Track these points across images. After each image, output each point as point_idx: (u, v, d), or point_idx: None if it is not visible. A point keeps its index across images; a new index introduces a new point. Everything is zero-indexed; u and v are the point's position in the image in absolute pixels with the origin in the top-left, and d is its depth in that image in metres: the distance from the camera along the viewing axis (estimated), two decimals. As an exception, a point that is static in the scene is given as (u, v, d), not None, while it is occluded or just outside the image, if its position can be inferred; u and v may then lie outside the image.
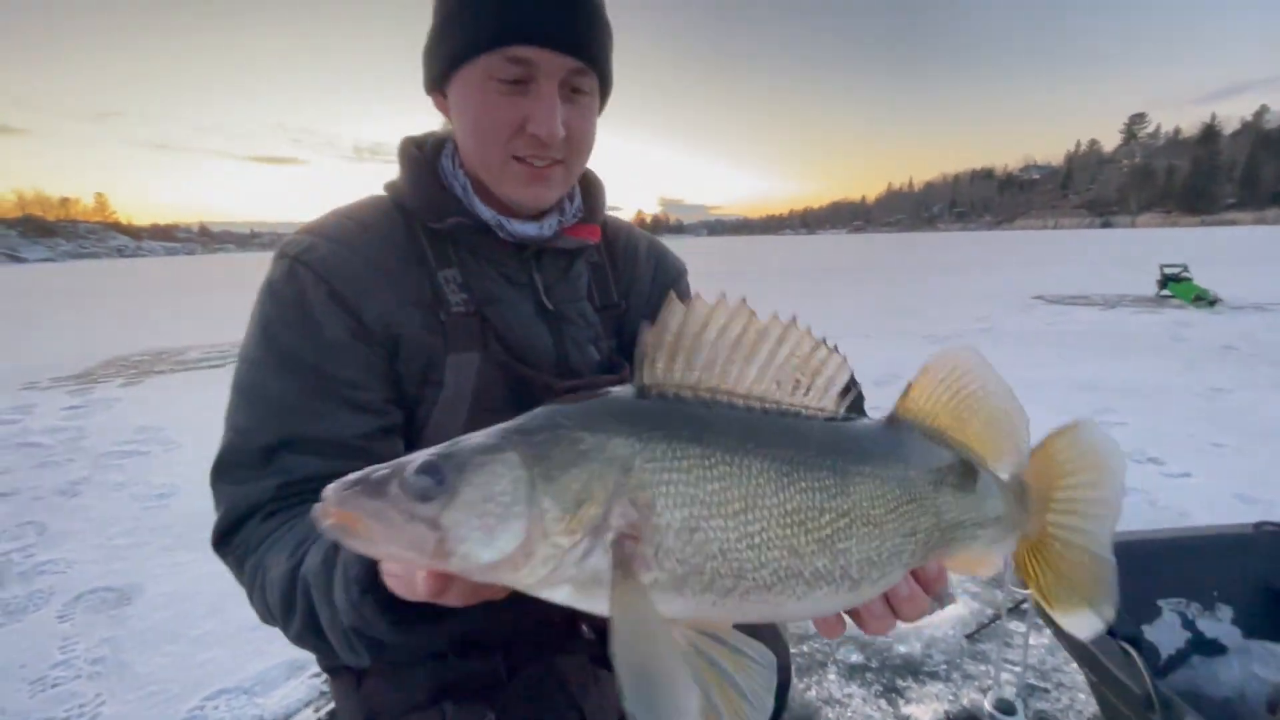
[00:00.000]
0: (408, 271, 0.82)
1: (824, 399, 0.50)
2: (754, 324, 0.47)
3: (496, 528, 0.40)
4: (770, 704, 0.41)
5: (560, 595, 0.42)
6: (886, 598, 0.52)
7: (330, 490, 0.41)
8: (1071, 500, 0.62)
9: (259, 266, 0.78)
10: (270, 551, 0.69)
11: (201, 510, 2.74)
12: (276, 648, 1.85)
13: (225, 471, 0.76)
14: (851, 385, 0.51)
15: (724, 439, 0.45)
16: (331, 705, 1.30)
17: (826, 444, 0.48)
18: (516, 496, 0.40)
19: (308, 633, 0.64)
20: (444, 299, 0.82)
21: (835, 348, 0.50)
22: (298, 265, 0.78)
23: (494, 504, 0.40)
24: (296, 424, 0.74)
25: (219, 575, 2.26)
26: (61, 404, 4.99)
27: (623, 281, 1.03)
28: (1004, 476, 0.60)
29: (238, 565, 0.74)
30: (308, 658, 1.80)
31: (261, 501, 0.73)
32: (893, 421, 0.55)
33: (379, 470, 0.42)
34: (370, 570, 0.54)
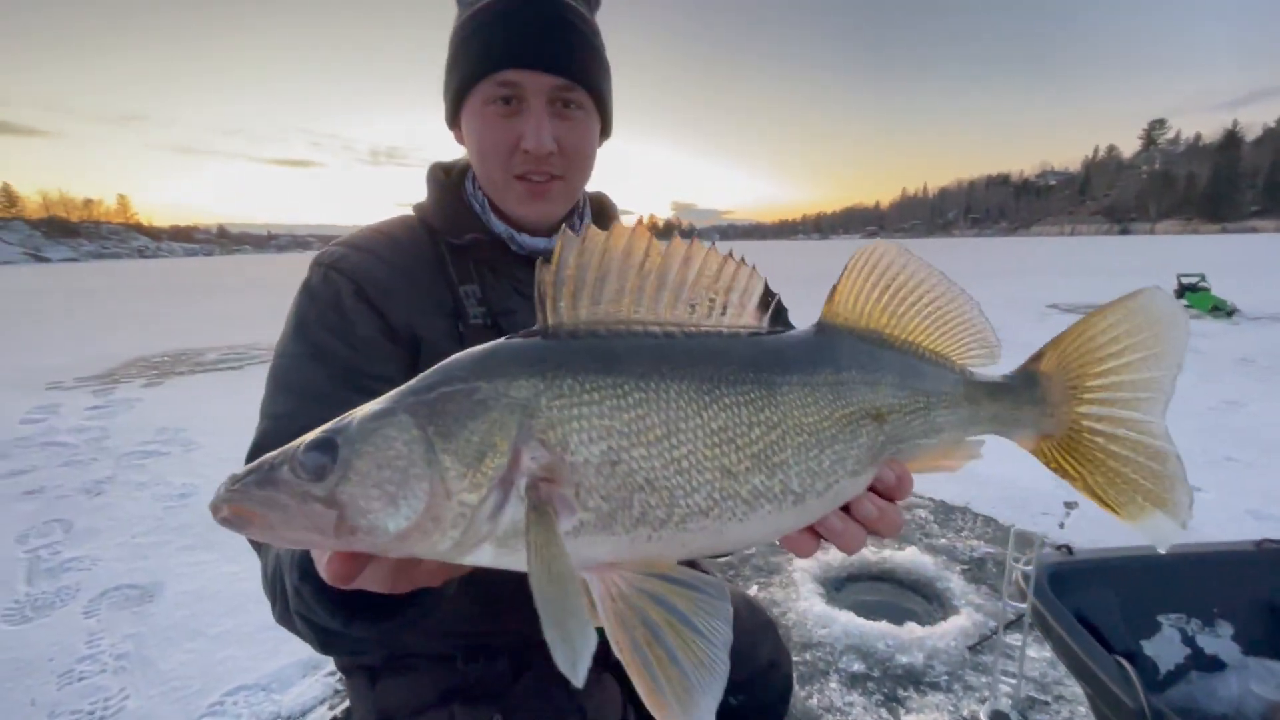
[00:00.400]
0: (432, 283, 0.88)
1: (743, 315, 0.48)
2: (655, 248, 0.45)
3: (397, 494, 0.38)
4: (729, 634, 0.39)
5: (484, 557, 0.40)
6: (850, 512, 0.50)
7: (224, 483, 0.40)
8: (1112, 386, 0.56)
9: (276, 268, 0.84)
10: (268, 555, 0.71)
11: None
12: (292, 647, 1.91)
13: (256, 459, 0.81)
14: (768, 296, 0.49)
15: (635, 367, 0.42)
16: (346, 703, 1.35)
17: (748, 358, 0.46)
18: (413, 459, 0.38)
19: (284, 615, 0.63)
20: (464, 311, 0.88)
21: (743, 260, 0.47)
22: (332, 271, 0.85)
23: (390, 470, 0.38)
24: (329, 412, 0.79)
25: (237, 575, 2.33)
26: (85, 404, 5.12)
27: None
28: (981, 368, 0.57)
29: (260, 551, 0.76)
30: (323, 658, 1.85)
31: None
32: (821, 328, 0.53)
33: (272, 456, 0.41)
34: (307, 554, 0.52)
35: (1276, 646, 1.36)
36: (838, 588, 2.13)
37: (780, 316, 0.54)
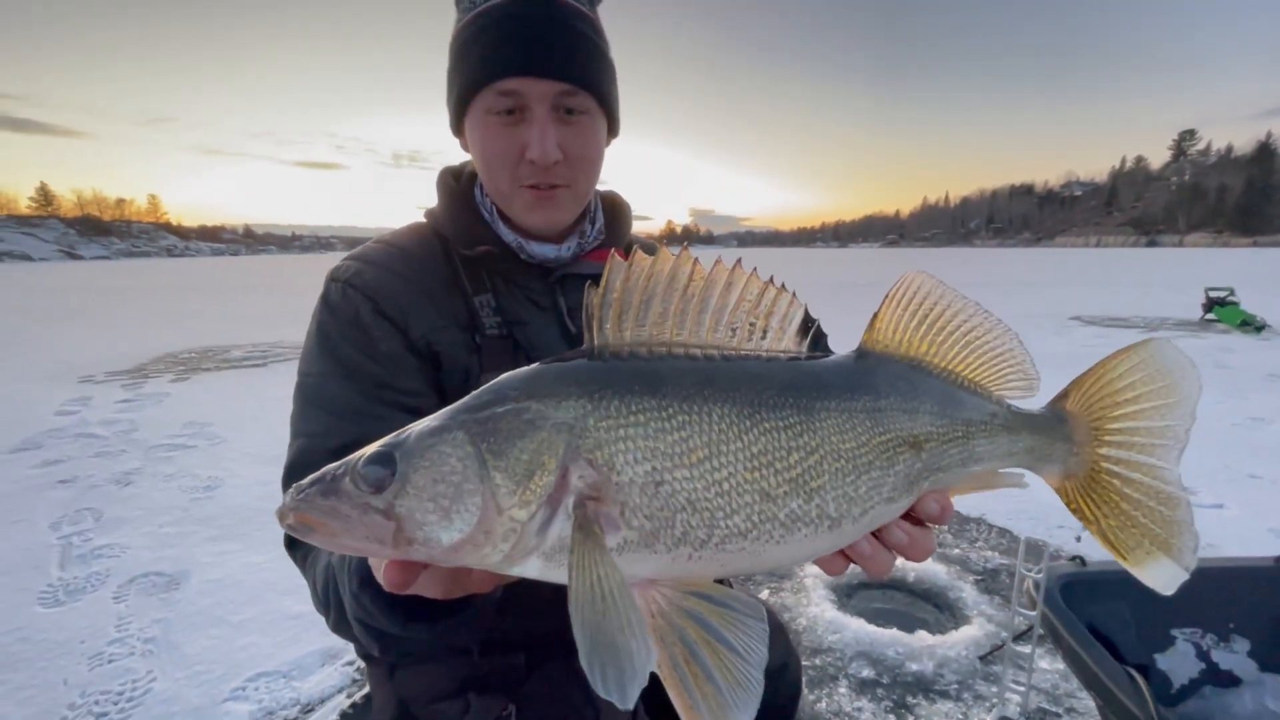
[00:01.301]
0: (447, 295, 0.88)
1: (783, 339, 0.49)
2: (699, 272, 0.46)
3: (451, 509, 0.40)
4: (764, 653, 0.41)
5: (531, 570, 0.42)
6: (881, 537, 0.51)
7: (290, 492, 0.42)
8: (1130, 431, 0.57)
9: (299, 268, 0.86)
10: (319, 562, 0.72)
11: (244, 504, 2.89)
12: (311, 636, 1.96)
13: (295, 475, 0.79)
14: (809, 322, 0.50)
15: (679, 389, 0.44)
16: (364, 691, 1.39)
17: (787, 383, 0.47)
18: (467, 474, 0.40)
19: (340, 622, 0.66)
20: (479, 322, 0.88)
21: (783, 286, 0.48)
22: (349, 288, 0.85)
23: (445, 485, 0.40)
24: (364, 427, 0.78)
25: (259, 566, 2.40)
26: (116, 397, 5.27)
27: None
28: (1018, 401, 0.57)
29: (303, 562, 0.78)
30: (341, 647, 1.90)
31: None
32: (861, 354, 0.54)
33: (334, 467, 0.42)
34: (366, 562, 0.54)
35: (1294, 664, 1.34)
36: (848, 595, 2.14)
37: (819, 342, 0.56)
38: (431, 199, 0.96)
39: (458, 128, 0.88)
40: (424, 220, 0.97)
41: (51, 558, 2.48)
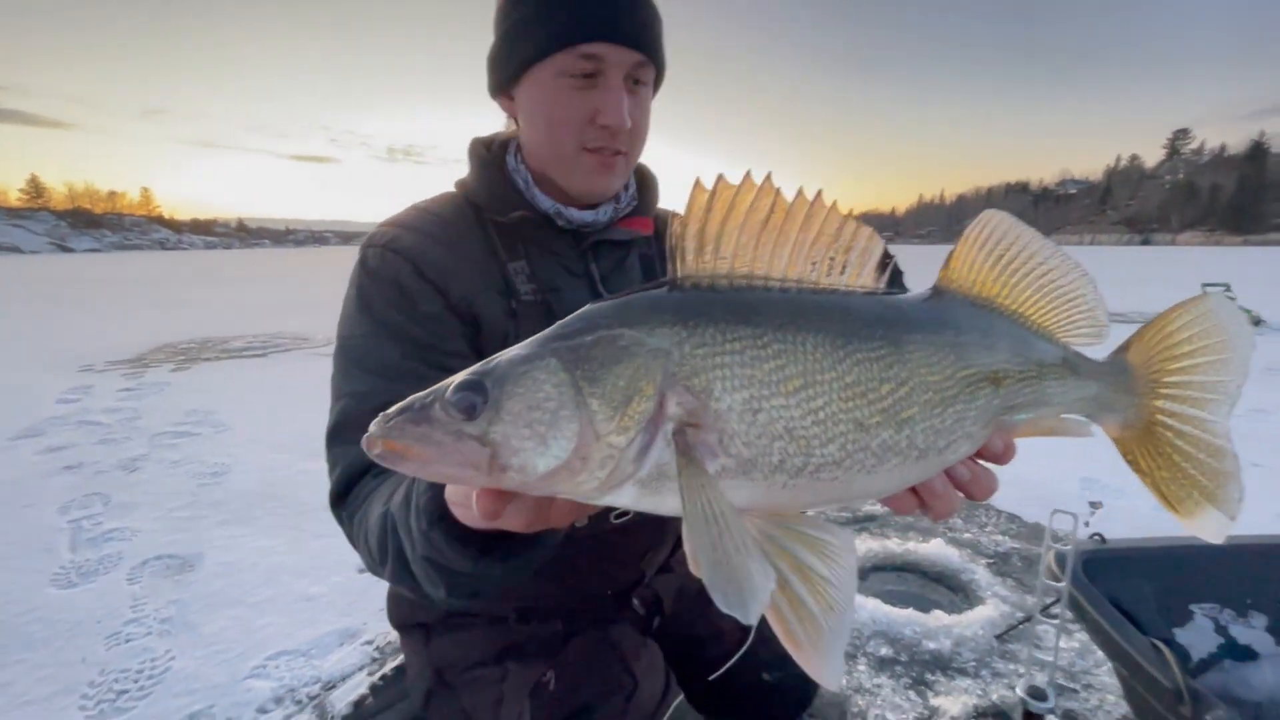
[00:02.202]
0: (483, 261, 0.88)
1: (862, 274, 0.48)
2: (780, 203, 0.45)
3: (548, 434, 0.39)
4: (854, 581, 0.41)
5: (626, 498, 0.42)
6: (952, 475, 0.51)
7: (376, 420, 0.42)
8: (1186, 384, 0.57)
9: (294, 262, 0.85)
10: (373, 501, 0.73)
11: (253, 489, 2.89)
12: (328, 617, 1.97)
13: (340, 435, 0.81)
14: (887, 258, 0.50)
15: (771, 319, 0.43)
16: (395, 663, 1.40)
17: (874, 316, 0.47)
18: (563, 401, 0.40)
19: (401, 571, 0.64)
20: (514, 288, 0.88)
21: (861, 221, 0.48)
22: (388, 252, 0.85)
23: (541, 411, 0.39)
24: (406, 386, 0.80)
25: (272, 550, 2.40)
26: (117, 386, 5.24)
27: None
28: (1086, 348, 0.58)
29: (349, 520, 0.77)
30: (359, 627, 1.90)
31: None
32: (937, 292, 0.54)
33: (421, 396, 0.42)
34: (439, 499, 0.54)
35: (1311, 638, 1.36)
36: (863, 577, 2.15)
37: (897, 279, 0.56)
38: (426, 192, 1.00)
39: (505, 89, 0.87)
40: (455, 190, 0.97)
41: (61, 541, 2.47)
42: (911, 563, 2.21)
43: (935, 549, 2.25)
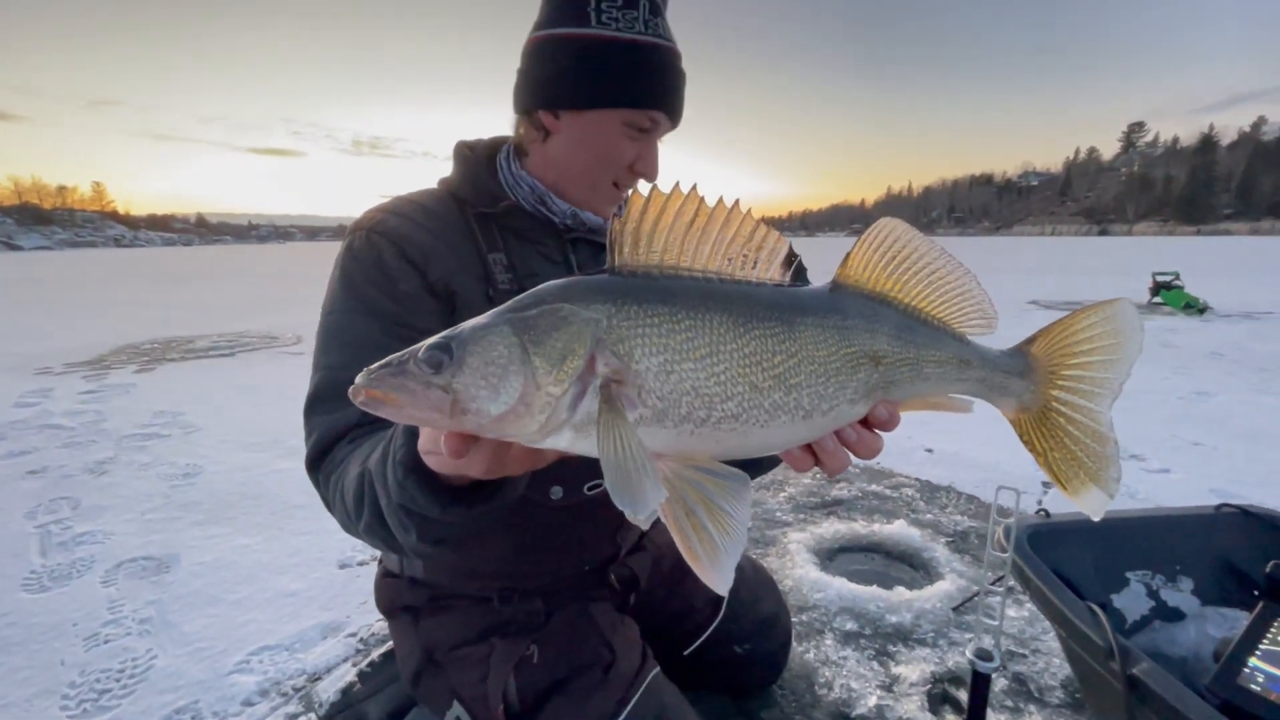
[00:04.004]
0: (464, 248, 0.97)
1: (770, 269, 0.58)
2: (704, 209, 0.54)
3: (499, 384, 0.48)
4: (747, 513, 0.51)
5: (563, 441, 0.50)
6: (840, 437, 0.61)
7: (361, 374, 0.50)
8: (1080, 378, 0.66)
9: (258, 258, 0.89)
10: (349, 462, 0.79)
11: (228, 489, 2.88)
12: (310, 611, 1.99)
13: (318, 404, 0.88)
14: (792, 257, 0.60)
15: (686, 300, 0.53)
16: (382, 650, 1.44)
17: (773, 302, 0.56)
18: (511, 359, 0.48)
19: (376, 524, 0.70)
20: (493, 277, 0.97)
21: (772, 227, 0.58)
22: (373, 234, 0.93)
23: (495, 366, 0.48)
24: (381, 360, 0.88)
25: (250, 548, 2.40)
26: (78, 389, 5.10)
27: None
28: (981, 335, 0.67)
29: (325, 482, 0.83)
30: (342, 620, 1.93)
31: (349, 427, 0.84)
32: (834, 285, 0.63)
33: (399, 355, 0.51)
34: (413, 452, 0.61)
35: (1230, 597, 1.49)
36: (830, 557, 2.25)
37: (801, 275, 0.65)
38: (396, 186, 1.12)
39: (559, 108, 0.97)
40: (438, 186, 1.05)
41: (31, 545, 2.44)
42: (876, 543, 2.32)
43: (898, 529, 2.36)
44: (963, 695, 1.35)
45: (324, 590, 2.10)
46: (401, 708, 1.32)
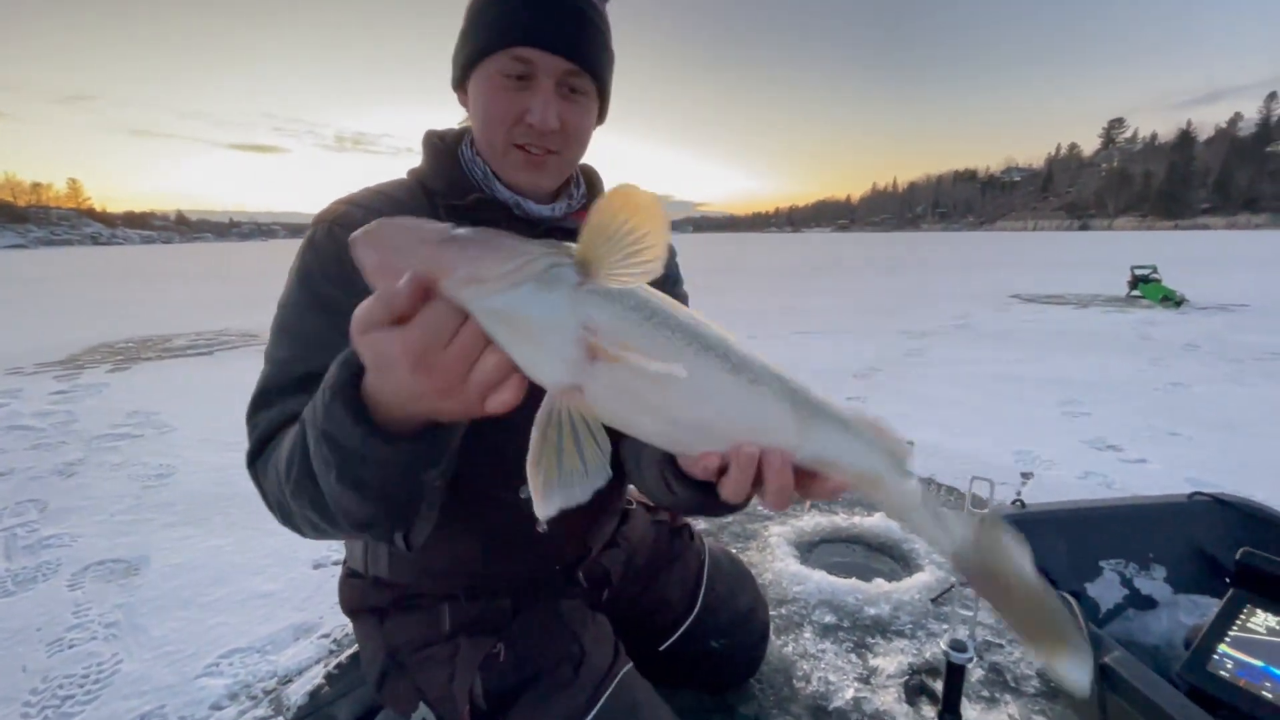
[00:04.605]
0: None
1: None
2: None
3: (481, 261, 0.48)
4: (595, 485, 0.52)
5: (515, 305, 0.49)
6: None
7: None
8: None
9: (240, 256, 0.84)
10: (285, 436, 0.74)
11: (202, 490, 2.82)
12: (284, 612, 1.95)
13: (263, 401, 0.84)
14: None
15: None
16: (350, 651, 1.41)
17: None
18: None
19: (303, 478, 0.65)
20: None
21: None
22: (335, 227, 0.89)
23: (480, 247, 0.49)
24: (327, 357, 0.83)
25: (223, 549, 2.36)
26: (49, 389, 4.99)
27: None
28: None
29: (264, 470, 0.78)
30: (316, 621, 1.90)
31: (292, 418, 0.79)
32: None
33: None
34: (347, 370, 0.57)
35: (1203, 585, 1.50)
36: (810, 550, 2.25)
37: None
38: (378, 181, 1.02)
39: (461, 83, 0.93)
40: (408, 177, 1.01)
41: (-5, 549, 2.37)
42: (856, 535, 2.32)
43: (879, 522, 2.37)
44: (939, 686, 1.34)
45: (298, 591, 2.06)
46: (370, 709, 1.30)
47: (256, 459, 0.81)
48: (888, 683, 1.56)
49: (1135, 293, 10.09)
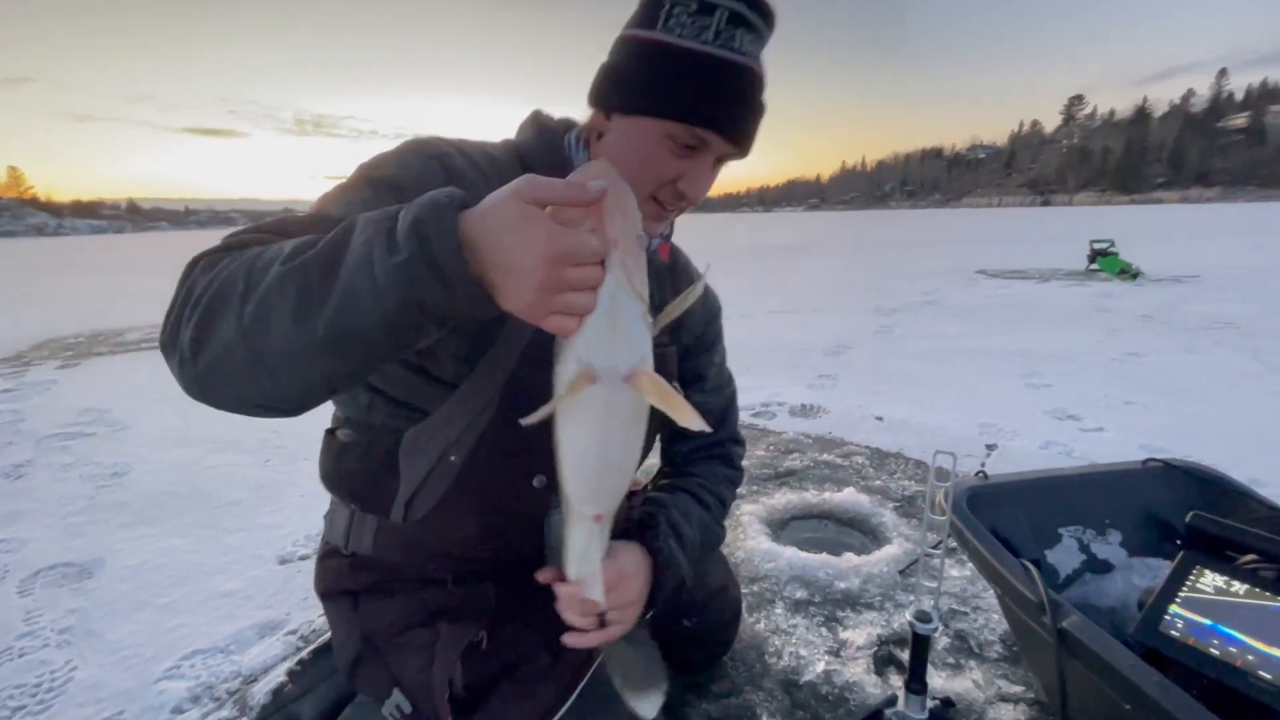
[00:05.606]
0: None
1: None
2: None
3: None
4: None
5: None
6: None
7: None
8: None
9: (197, 245, 0.74)
10: (286, 242, 0.63)
11: (158, 488, 2.71)
12: (246, 610, 1.90)
13: (268, 228, 0.74)
14: None
15: None
16: (314, 646, 1.38)
17: None
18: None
19: (319, 262, 0.58)
20: None
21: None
22: (436, 162, 0.85)
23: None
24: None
25: (181, 549, 2.28)
26: (-7, 387, 4.76)
27: (679, 289, 1.18)
28: None
29: (215, 264, 0.65)
30: (281, 619, 1.85)
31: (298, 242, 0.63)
32: None
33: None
34: (460, 200, 0.57)
35: (1156, 548, 1.55)
36: (782, 527, 2.27)
37: None
38: (345, 166, 1.01)
39: (608, 108, 0.90)
40: (506, 145, 0.98)
41: (-64, 558, 2.26)
42: (827, 511, 2.35)
43: (848, 497, 2.40)
44: (906, 656, 1.37)
45: (262, 588, 2.01)
46: (336, 703, 1.27)
47: (210, 255, 0.69)
48: (857, 654, 1.59)
49: (1094, 266, 10.38)
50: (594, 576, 0.83)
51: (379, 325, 0.57)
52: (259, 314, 0.58)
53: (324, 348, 0.58)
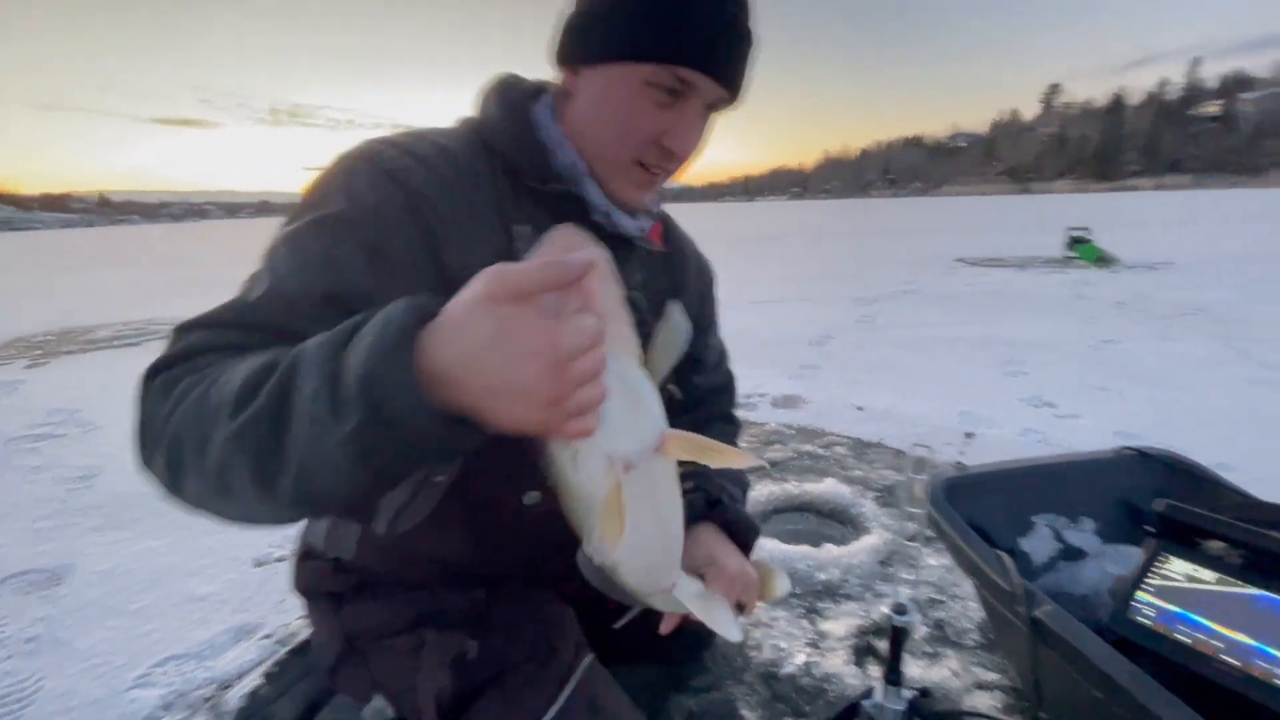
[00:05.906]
0: (489, 218, 0.79)
1: None
2: None
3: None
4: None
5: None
6: None
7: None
8: None
9: (171, 239, 0.71)
10: (237, 365, 0.55)
11: (130, 490, 2.65)
12: (221, 615, 1.87)
13: (222, 316, 0.66)
14: None
15: None
16: (273, 660, 1.35)
17: None
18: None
19: (267, 421, 0.49)
20: (515, 255, 0.78)
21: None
22: (388, 180, 0.72)
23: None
24: (357, 287, 0.67)
25: (155, 551, 2.24)
26: (-43, 389, 4.63)
27: (674, 274, 1.09)
28: None
29: (171, 392, 0.57)
30: (257, 622, 1.82)
31: (245, 348, 0.60)
32: None
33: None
34: (414, 326, 0.46)
35: (1129, 536, 1.58)
36: (764, 520, 2.28)
37: None
38: (320, 157, 0.91)
39: (573, 61, 0.80)
40: (465, 126, 0.86)
41: (-103, 567, 2.20)
42: (807, 502, 2.36)
43: (829, 488, 2.41)
44: (885, 645, 1.38)
45: (237, 592, 1.98)
46: (313, 704, 1.25)
47: (165, 371, 0.61)
48: (837, 646, 1.60)
49: (1071, 254, 10.53)
50: (724, 610, 0.84)
51: (346, 496, 0.51)
52: (221, 478, 0.52)
53: (296, 508, 0.53)
